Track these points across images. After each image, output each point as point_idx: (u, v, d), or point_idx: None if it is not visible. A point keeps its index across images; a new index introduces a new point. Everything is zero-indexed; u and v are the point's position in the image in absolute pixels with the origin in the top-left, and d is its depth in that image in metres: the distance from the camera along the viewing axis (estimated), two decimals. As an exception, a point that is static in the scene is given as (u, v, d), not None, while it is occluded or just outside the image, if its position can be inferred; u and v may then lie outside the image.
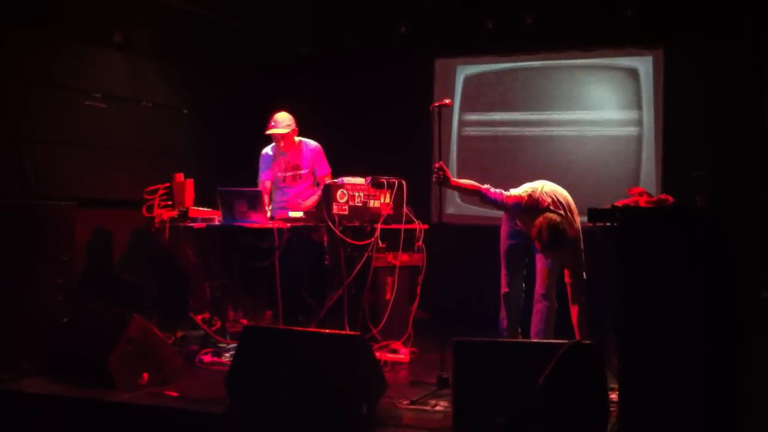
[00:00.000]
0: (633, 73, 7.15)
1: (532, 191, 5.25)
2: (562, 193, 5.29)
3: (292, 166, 6.34)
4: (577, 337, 4.96)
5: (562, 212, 5.15)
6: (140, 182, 6.12)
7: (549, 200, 5.18)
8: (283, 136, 6.18)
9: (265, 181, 6.40)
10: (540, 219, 5.03)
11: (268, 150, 6.41)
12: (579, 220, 5.26)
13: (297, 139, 6.31)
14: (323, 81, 8.11)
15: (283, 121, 6.17)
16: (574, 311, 5.20)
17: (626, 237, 3.76)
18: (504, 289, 5.58)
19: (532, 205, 5.19)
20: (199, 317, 6.00)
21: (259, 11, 7.48)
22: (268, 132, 6.19)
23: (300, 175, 6.32)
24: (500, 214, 5.62)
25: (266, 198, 6.25)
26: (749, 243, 3.61)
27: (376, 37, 7.86)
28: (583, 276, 5.21)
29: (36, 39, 6.00)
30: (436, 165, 5.23)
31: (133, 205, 6.06)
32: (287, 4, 7.71)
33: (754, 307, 3.55)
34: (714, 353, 3.61)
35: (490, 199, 5.31)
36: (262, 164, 6.43)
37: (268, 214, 5.95)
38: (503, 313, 5.59)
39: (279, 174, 6.37)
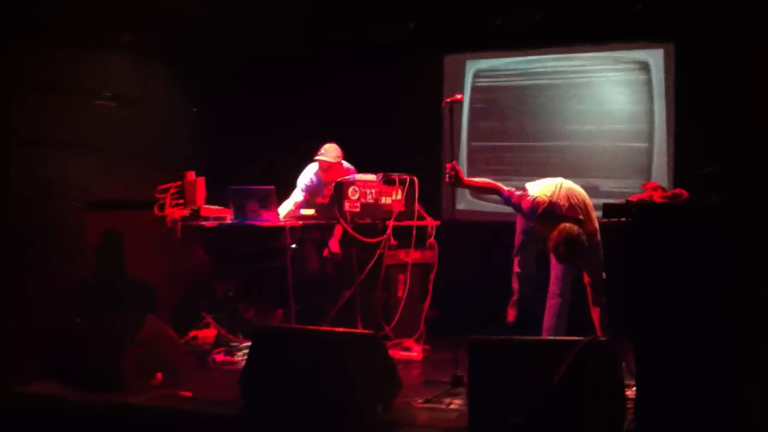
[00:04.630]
0: (644, 67, 7.09)
1: (550, 196, 5.09)
2: (578, 193, 5.17)
3: None
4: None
5: (580, 217, 5.02)
6: (150, 183, 6.09)
7: (566, 204, 5.04)
8: (330, 164, 6.26)
9: (300, 192, 6.46)
10: (556, 232, 4.90)
11: (311, 175, 6.48)
12: (596, 217, 5.14)
13: (343, 166, 6.39)
14: (332, 79, 8.06)
15: (331, 151, 6.29)
16: (595, 313, 5.13)
17: (643, 233, 3.72)
18: (516, 269, 5.60)
19: (548, 211, 5.07)
20: (211, 317, 5.97)
21: (263, 9, 7.44)
22: (317, 158, 6.30)
23: None
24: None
25: (291, 205, 6.33)
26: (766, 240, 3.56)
27: (385, 34, 7.81)
28: (602, 276, 5.12)
29: (43, 44, 5.98)
30: (449, 165, 5.17)
31: (143, 206, 6.03)
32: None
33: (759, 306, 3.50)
34: (727, 350, 3.57)
35: (504, 197, 5.26)
36: (304, 184, 6.49)
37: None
38: (515, 285, 5.58)
39: (322, 200, 6.40)
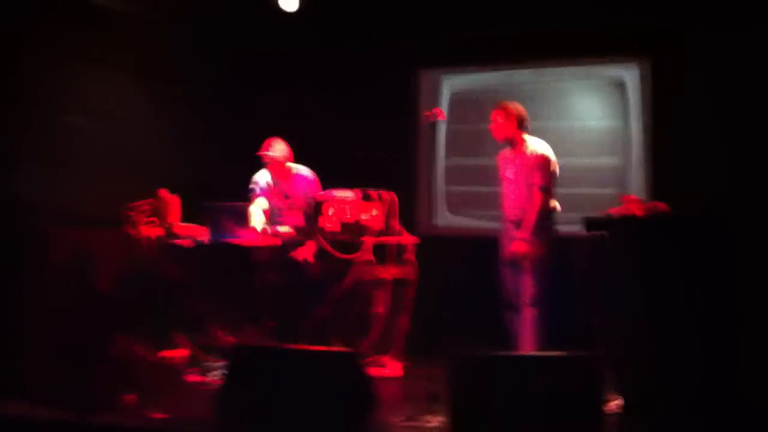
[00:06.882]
0: (620, 84, 7.11)
1: None
2: None
3: (285, 196, 6.25)
4: None
5: None
6: (120, 199, 5.97)
7: None
8: (273, 159, 6.13)
9: (259, 197, 6.25)
10: None
11: (260, 178, 6.30)
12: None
13: (293, 168, 6.25)
14: (305, 93, 8.00)
15: (275, 146, 6.15)
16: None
17: (627, 245, 3.72)
18: (506, 310, 5.56)
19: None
20: (184, 335, 5.86)
21: (236, 22, 7.39)
22: (259, 153, 6.14)
23: (293, 204, 6.22)
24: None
25: (262, 214, 6.13)
26: (747, 248, 3.58)
27: (359, 48, 7.77)
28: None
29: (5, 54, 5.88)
30: None
31: (113, 223, 5.92)
32: (268, 15, 7.59)
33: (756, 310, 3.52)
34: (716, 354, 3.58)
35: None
36: (255, 188, 6.31)
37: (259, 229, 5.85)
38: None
39: (274, 204, 6.28)
